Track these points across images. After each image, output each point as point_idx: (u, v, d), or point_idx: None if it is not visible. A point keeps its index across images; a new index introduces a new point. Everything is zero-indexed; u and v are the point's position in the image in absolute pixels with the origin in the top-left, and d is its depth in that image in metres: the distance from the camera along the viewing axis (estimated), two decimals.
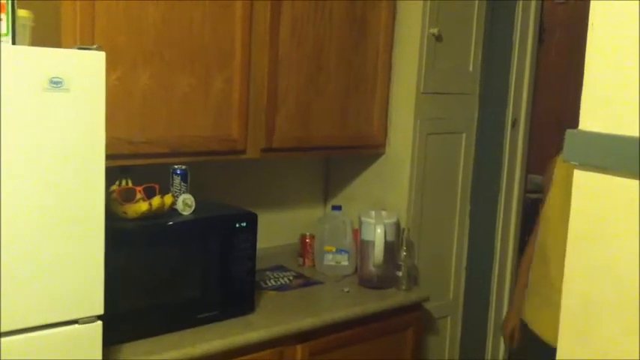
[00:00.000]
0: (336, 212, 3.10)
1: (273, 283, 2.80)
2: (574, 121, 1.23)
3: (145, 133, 2.28)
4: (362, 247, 2.94)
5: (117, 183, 2.23)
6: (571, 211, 1.26)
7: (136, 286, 2.18)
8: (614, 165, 1.18)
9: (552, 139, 3.35)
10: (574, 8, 5.91)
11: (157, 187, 2.27)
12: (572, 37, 5.62)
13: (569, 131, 1.24)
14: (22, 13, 1.75)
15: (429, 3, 2.93)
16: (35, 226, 1.71)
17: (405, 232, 2.97)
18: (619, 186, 1.18)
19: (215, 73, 2.43)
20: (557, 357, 1.26)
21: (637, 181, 1.15)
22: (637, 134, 1.14)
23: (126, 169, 2.26)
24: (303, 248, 3.09)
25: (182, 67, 2.35)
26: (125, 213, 2.17)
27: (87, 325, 1.83)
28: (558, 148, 1.48)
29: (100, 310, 1.85)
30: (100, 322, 1.85)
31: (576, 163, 1.23)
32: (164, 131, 2.33)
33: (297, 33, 2.64)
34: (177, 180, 2.39)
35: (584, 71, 1.23)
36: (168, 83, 2.32)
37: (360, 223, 2.95)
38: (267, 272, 2.89)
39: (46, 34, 2.00)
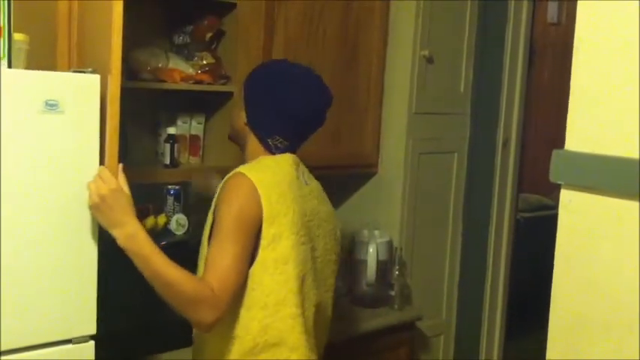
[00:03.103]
0: None
1: None
2: None
3: None
4: (355, 266, 2.96)
5: None
6: (558, 230, 1.28)
7: (130, 306, 2.19)
8: (599, 184, 1.20)
9: (545, 159, 3.37)
10: (566, 30, 5.98)
11: (150, 207, 2.28)
12: (564, 58, 5.67)
13: (555, 151, 1.26)
14: (18, 36, 1.77)
15: (420, 25, 2.97)
16: (29, 246, 1.72)
17: (398, 251, 2.99)
18: (605, 205, 1.20)
19: None
20: None
21: (623, 200, 1.17)
22: (622, 154, 1.16)
23: None
24: None
25: None
26: None
27: (80, 344, 1.83)
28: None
29: (93, 330, 1.85)
30: (92, 342, 1.85)
31: (563, 183, 1.26)
32: None
33: (291, 55, 2.66)
34: (170, 200, 2.41)
35: (570, 92, 1.25)
36: None
37: (353, 242, 2.97)
38: None
39: (41, 57, 2.02)
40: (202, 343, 1.93)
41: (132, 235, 1.74)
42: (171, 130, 2.43)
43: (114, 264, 1.85)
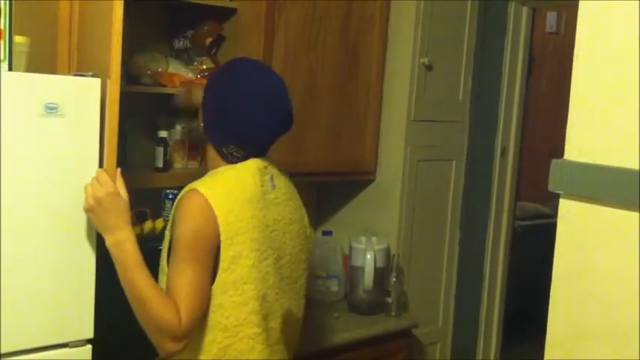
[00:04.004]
0: (326, 238, 3.11)
1: None
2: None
3: None
4: (352, 273, 2.96)
5: None
6: (556, 239, 1.28)
7: (127, 310, 2.18)
8: (598, 195, 1.20)
9: (543, 168, 3.37)
10: (564, 38, 6.00)
11: (148, 211, 2.28)
12: (563, 67, 5.69)
13: (554, 161, 1.27)
14: (18, 39, 1.77)
15: (419, 33, 2.98)
16: (27, 249, 1.72)
17: (395, 258, 2.99)
18: (603, 215, 1.20)
19: None
20: None
21: (621, 211, 1.17)
22: (622, 165, 1.17)
23: None
24: None
25: None
26: None
27: (77, 348, 1.83)
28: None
29: (90, 334, 1.85)
30: (89, 346, 1.85)
31: (562, 192, 1.26)
32: None
33: (291, 62, 2.67)
34: (168, 204, 2.40)
35: (569, 102, 1.26)
36: None
37: (351, 248, 2.97)
38: None
39: (42, 60, 2.02)
40: None
41: (121, 241, 1.73)
42: (163, 134, 2.44)
43: (112, 268, 1.85)
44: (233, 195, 1.79)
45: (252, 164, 1.86)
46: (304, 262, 2.00)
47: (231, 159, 1.87)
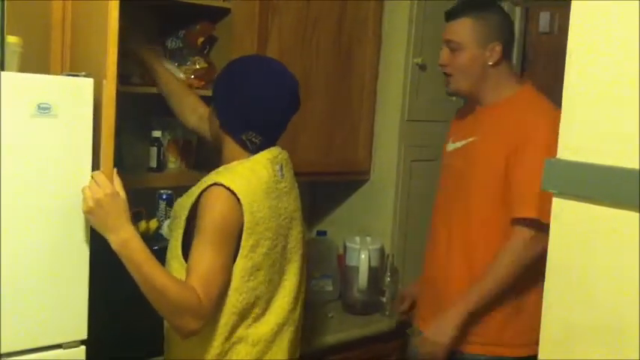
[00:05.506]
0: (321, 237, 3.11)
1: None
2: None
3: None
4: (346, 273, 2.96)
5: None
6: (550, 238, 1.29)
7: (121, 311, 2.18)
8: (591, 194, 1.21)
9: None
10: (558, 39, 6.00)
11: (142, 211, 2.28)
12: (557, 68, 5.69)
13: (547, 160, 1.27)
14: (11, 39, 1.77)
15: (413, 32, 2.98)
16: (20, 250, 1.71)
17: (390, 257, 2.99)
18: (596, 214, 1.20)
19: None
20: None
21: (614, 210, 1.17)
22: (614, 164, 1.17)
23: None
24: None
25: None
26: None
27: (70, 349, 1.82)
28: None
29: (84, 335, 1.85)
30: (83, 347, 1.85)
31: (555, 192, 1.26)
32: None
33: (284, 62, 2.64)
34: (162, 205, 2.40)
35: (562, 102, 1.26)
36: None
37: (345, 248, 2.97)
38: None
39: (34, 60, 2.01)
40: (170, 348, 2.03)
41: (126, 240, 1.77)
42: (157, 134, 2.45)
43: (106, 268, 1.85)
44: (253, 186, 1.91)
45: (263, 156, 1.97)
46: (305, 246, 2.13)
47: (251, 146, 1.98)
